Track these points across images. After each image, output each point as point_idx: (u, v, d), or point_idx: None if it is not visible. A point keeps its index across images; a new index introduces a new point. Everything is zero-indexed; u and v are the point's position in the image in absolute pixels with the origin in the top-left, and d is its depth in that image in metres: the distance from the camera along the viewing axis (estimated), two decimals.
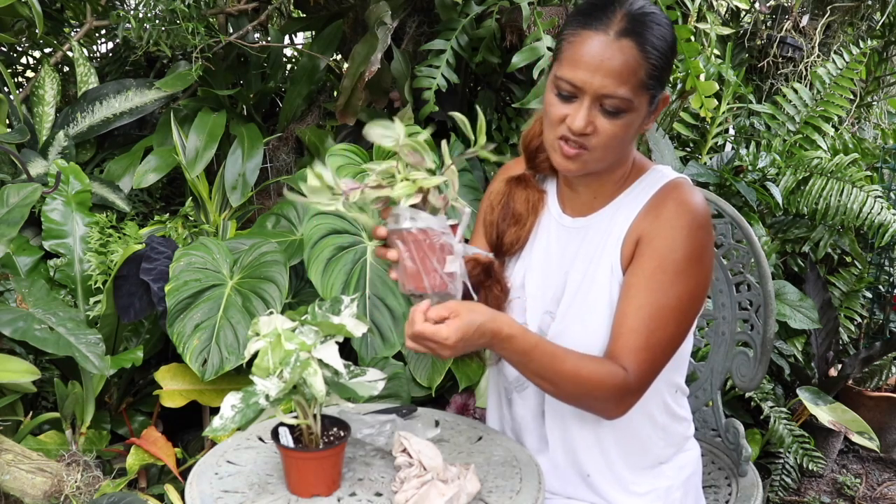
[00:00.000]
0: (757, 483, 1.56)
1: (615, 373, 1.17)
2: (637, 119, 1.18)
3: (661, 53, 1.15)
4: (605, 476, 1.31)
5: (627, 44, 1.13)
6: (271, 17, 2.84)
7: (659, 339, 1.19)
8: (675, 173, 1.28)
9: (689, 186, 1.25)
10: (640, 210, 1.24)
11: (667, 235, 1.20)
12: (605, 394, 1.17)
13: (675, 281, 1.19)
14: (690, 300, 1.21)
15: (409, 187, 1.05)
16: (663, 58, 1.16)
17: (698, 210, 1.21)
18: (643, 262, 1.20)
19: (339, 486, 1.14)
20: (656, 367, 1.22)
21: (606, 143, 1.17)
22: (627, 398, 1.20)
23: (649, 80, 1.15)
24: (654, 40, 1.14)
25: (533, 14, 2.20)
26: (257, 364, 1.05)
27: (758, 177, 2.58)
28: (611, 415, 1.22)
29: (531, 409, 1.35)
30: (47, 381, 1.97)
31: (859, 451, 2.94)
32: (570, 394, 1.19)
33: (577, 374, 1.16)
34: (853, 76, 2.97)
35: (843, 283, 2.93)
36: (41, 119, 2.34)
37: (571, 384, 1.16)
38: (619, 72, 1.12)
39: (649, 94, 1.17)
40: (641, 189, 1.26)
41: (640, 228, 1.23)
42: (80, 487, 1.74)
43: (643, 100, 1.16)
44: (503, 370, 1.38)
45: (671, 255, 1.19)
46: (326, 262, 1.88)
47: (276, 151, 2.60)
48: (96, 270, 2.03)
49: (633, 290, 1.20)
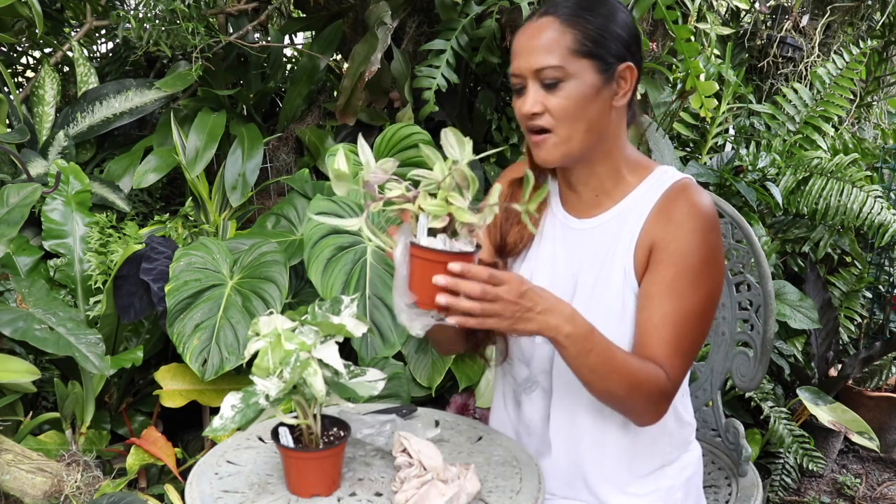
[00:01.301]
0: (757, 483, 1.56)
1: (659, 373, 1.18)
2: (585, 88, 1.18)
3: (590, 20, 1.18)
4: (607, 479, 1.31)
5: (546, 20, 1.19)
6: (271, 17, 2.84)
7: (689, 343, 1.21)
8: (680, 173, 1.28)
9: (697, 187, 1.25)
10: (649, 212, 1.24)
11: (681, 240, 1.21)
12: (648, 394, 1.17)
13: (695, 285, 1.20)
14: (711, 301, 1.23)
15: (441, 208, 1.03)
16: (596, 24, 1.18)
17: (708, 212, 1.22)
18: (662, 270, 1.21)
19: (339, 486, 1.14)
20: (686, 370, 1.24)
21: (560, 116, 1.18)
22: (664, 402, 1.21)
23: (581, 45, 1.17)
24: (575, 9, 1.19)
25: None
26: (257, 364, 1.05)
27: (758, 177, 2.58)
28: (649, 418, 1.22)
29: (539, 410, 1.34)
30: (47, 381, 1.97)
31: (859, 451, 2.94)
32: (616, 391, 1.16)
33: (627, 369, 1.15)
34: (853, 76, 2.97)
35: (843, 283, 2.93)
36: (41, 119, 2.34)
37: (621, 378, 1.15)
38: (543, 45, 1.17)
39: (591, 61, 1.18)
40: (648, 189, 1.27)
41: (653, 234, 1.23)
42: (80, 487, 1.74)
43: (582, 66, 1.17)
44: (511, 371, 1.38)
45: (688, 260, 1.20)
46: (326, 262, 1.88)
47: (276, 151, 2.60)
48: (96, 270, 2.03)
49: (657, 298, 1.21)
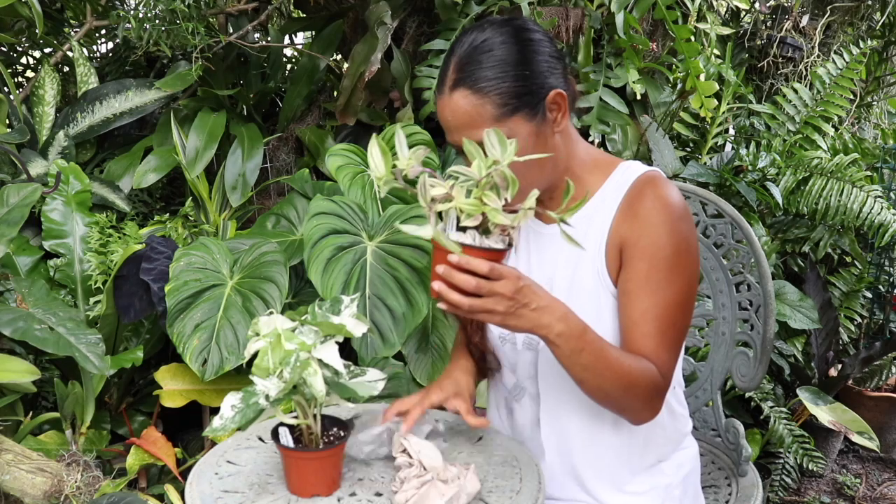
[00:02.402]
0: (757, 483, 1.56)
1: (651, 369, 1.17)
2: (526, 139, 1.16)
3: (502, 77, 1.14)
4: (603, 479, 1.31)
5: (460, 93, 1.15)
6: (271, 17, 2.84)
7: (672, 335, 1.20)
8: (645, 167, 1.27)
9: (662, 179, 1.24)
10: (616, 210, 1.23)
11: (651, 235, 1.19)
12: (643, 392, 1.17)
13: (670, 277, 1.19)
14: (689, 290, 1.22)
15: (476, 207, 1.02)
16: (507, 78, 1.14)
17: (674, 203, 1.21)
18: (635, 265, 1.20)
19: (339, 486, 1.14)
20: (674, 362, 1.23)
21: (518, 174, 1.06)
22: (658, 398, 1.21)
23: (504, 107, 1.14)
24: (486, 73, 1.14)
25: (533, 14, 2.20)
26: (257, 364, 1.05)
27: (758, 177, 2.58)
28: (644, 416, 1.21)
29: (529, 416, 1.35)
30: (47, 381, 1.97)
31: (859, 451, 2.94)
32: (610, 389, 1.15)
33: (621, 367, 1.14)
34: (853, 76, 2.97)
35: (843, 283, 2.93)
36: (41, 119, 2.34)
37: (614, 376, 1.14)
38: (468, 121, 1.15)
39: (518, 114, 1.15)
40: (612, 188, 1.25)
41: (621, 232, 1.22)
42: (80, 487, 1.74)
43: (513, 123, 1.15)
44: (501, 380, 1.39)
45: (660, 254, 1.19)
46: (326, 262, 1.87)
47: (276, 151, 2.60)
48: (96, 270, 2.03)
49: (634, 295, 1.20)
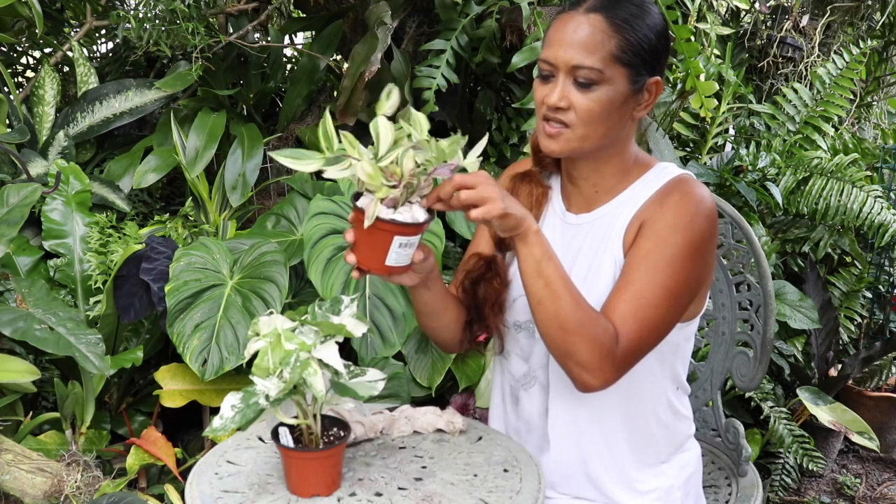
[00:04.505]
0: (757, 483, 1.56)
1: (609, 326, 1.15)
2: (615, 95, 1.18)
3: (636, 30, 1.17)
4: (610, 473, 1.31)
5: (595, 17, 1.17)
6: (271, 17, 2.84)
7: (647, 315, 1.17)
8: (681, 169, 1.28)
9: (696, 182, 1.25)
10: (643, 203, 1.24)
11: (668, 220, 1.20)
12: (594, 340, 1.12)
13: (670, 263, 1.18)
14: (687, 287, 1.20)
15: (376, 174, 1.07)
16: (640, 34, 1.17)
17: (704, 201, 1.21)
18: (641, 242, 1.21)
19: (339, 486, 1.14)
20: (641, 346, 1.18)
21: (584, 118, 1.18)
22: (607, 362, 1.14)
23: (623, 53, 1.17)
24: (625, 15, 1.17)
25: (533, 14, 2.20)
26: (257, 364, 1.05)
27: (758, 177, 2.58)
28: (589, 376, 1.14)
29: (537, 406, 1.34)
30: (47, 381, 1.97)
31: (859, 451, 2.94)
32: (565, 317, 1.12)
33: (579, 298, 1.14)
34: (853, 76, 2.97)
35: (843, 283, 2.93)
36: (41, 119, 2.34)
37: (572, 303, 1.12)
38: (587, 43, 1.16)
39: (627, 70, 1.18)
40: (646, 184, 1.27)
41: (643, 216, 1.23)
42: (80, 487, 1.74)
43: (618, 73, 1.17)
44: (509, 368, 1.38)
45: (670, 238, 1.19)
46: (326, 262, 1.88)
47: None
48: (96, 270, 2.03)
49: (628, 267, 1.20)
